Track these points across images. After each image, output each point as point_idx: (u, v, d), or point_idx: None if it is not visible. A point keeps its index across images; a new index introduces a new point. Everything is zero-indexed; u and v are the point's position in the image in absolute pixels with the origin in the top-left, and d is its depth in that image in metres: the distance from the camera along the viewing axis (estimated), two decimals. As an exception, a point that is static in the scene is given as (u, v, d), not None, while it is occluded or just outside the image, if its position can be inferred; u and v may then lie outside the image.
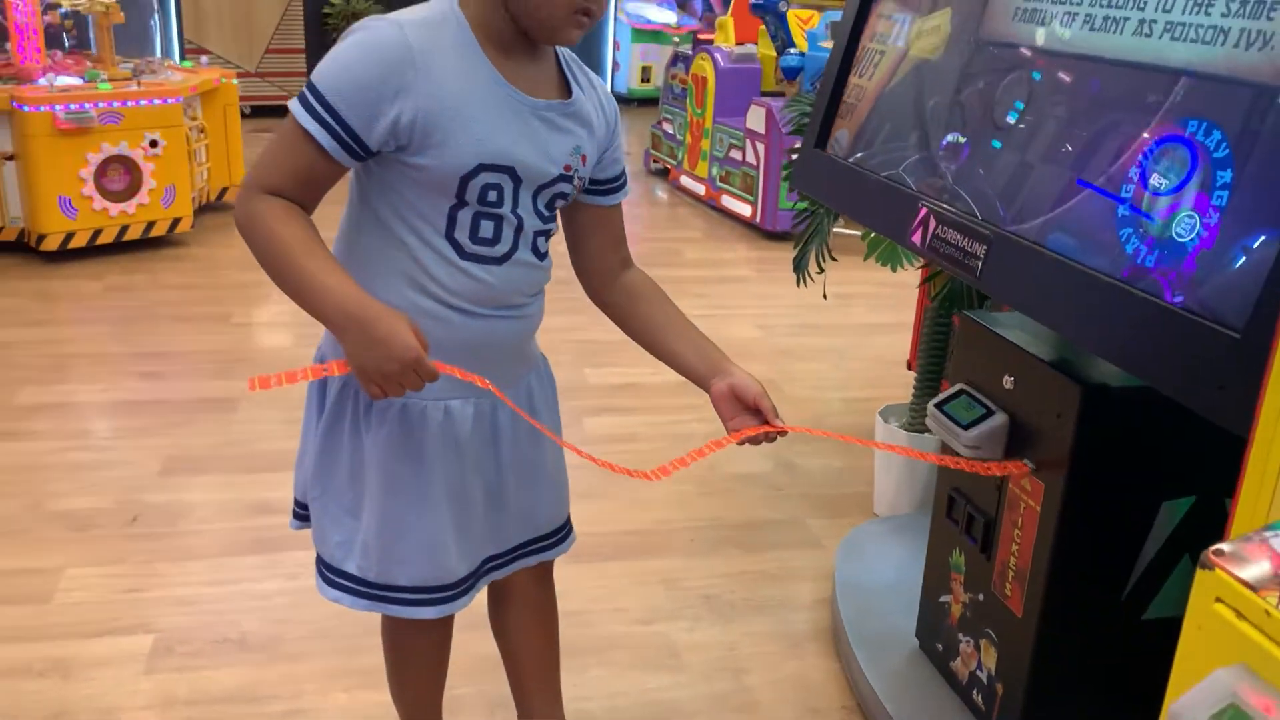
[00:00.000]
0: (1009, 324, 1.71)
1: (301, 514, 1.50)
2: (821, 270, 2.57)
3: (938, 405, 1.73)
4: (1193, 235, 1.16)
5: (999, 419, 1.64)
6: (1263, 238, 1.07)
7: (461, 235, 1.27)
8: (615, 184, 1.43)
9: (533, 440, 1.44)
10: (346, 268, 1.25)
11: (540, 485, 1.49)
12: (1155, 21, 1.28)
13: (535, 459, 1.47)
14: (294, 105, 1.22)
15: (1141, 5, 1.31)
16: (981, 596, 1.74)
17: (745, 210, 5.49)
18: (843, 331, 4.06)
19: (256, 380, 1.22)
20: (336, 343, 1.25)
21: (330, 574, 1.42)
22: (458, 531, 1.39)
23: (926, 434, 2.48)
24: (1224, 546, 0.76)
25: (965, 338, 1.78)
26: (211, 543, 2.40)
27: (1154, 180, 1.23)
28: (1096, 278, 1.26)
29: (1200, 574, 0.76)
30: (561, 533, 1.57)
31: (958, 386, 1.74)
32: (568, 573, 2.31)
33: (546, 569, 1.61)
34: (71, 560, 2.31)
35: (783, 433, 1.35)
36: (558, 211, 1.37)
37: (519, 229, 1.30)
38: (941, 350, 2.47)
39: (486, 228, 1.28)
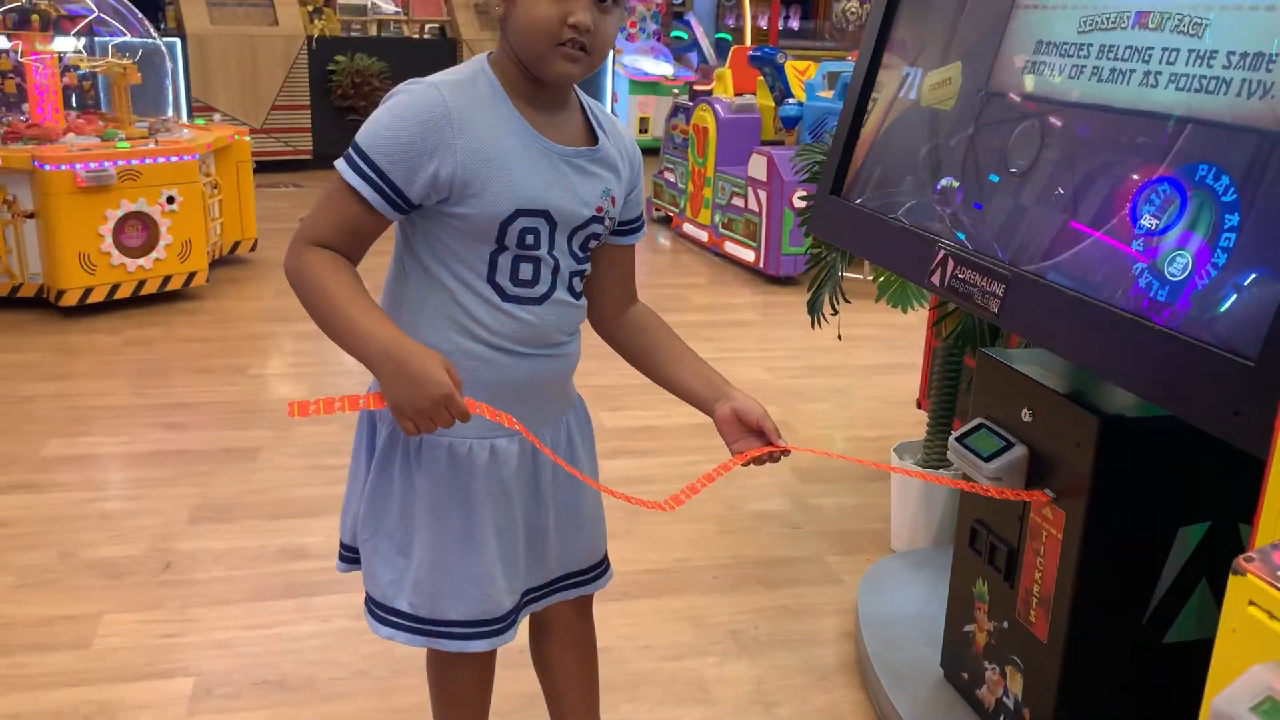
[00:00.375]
0: (1024, 360, 1.79)
1: (348, 556, 1.55)
2: (836, 312, 2.65)
3: (959, 439, 1.80)
4: (1203, 272, 1.24)
5: (1019, 450, 1.70)
6: (1271, 274, 1.15)
7: (502, 278, 1.34)
8: (634, 225, 1.50)
9: (572, 476, 1.51)
10: (394, 315, 1.33)
11: (579, 520, 1.55)
12: (1160, 73, 1.37)
13: (574, 494, 1.53)
14: (340, 164, 1.30)
15: (1146, 59, 1.40)
16: (1006, 624, 1.80)
17: (748, 256, 5.59)
18: (849, 373, 4.13)
19: (295, 406, 1.26)
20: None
21: (382, 612, 1.47)
22: (504, 565, 1.44)
23: (942, 470, 2.54)
24: (1253, 554, 0.83)
25: (982, 374, 1.85)
26: (244, 588, 2.45)
27: (1164, 220, 1.31)
28: (1115, 313, 1.34)
29: (1233, 580, 0.83)
30: (600, 568, 1.62)
31: (977, 420, 1.81)
32: (594, 611, 2.37)
33: (586, 603, 1.66)
34: (108, 607, 2.35)
35: (785, 452, 1.41)
36: (592, 252, 1.44)
37: (556, 270, 1.37)
38: (953, 388, 2.54)
39: (526, 270, 1.35)
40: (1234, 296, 1.19)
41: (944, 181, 1.82)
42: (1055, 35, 1.59)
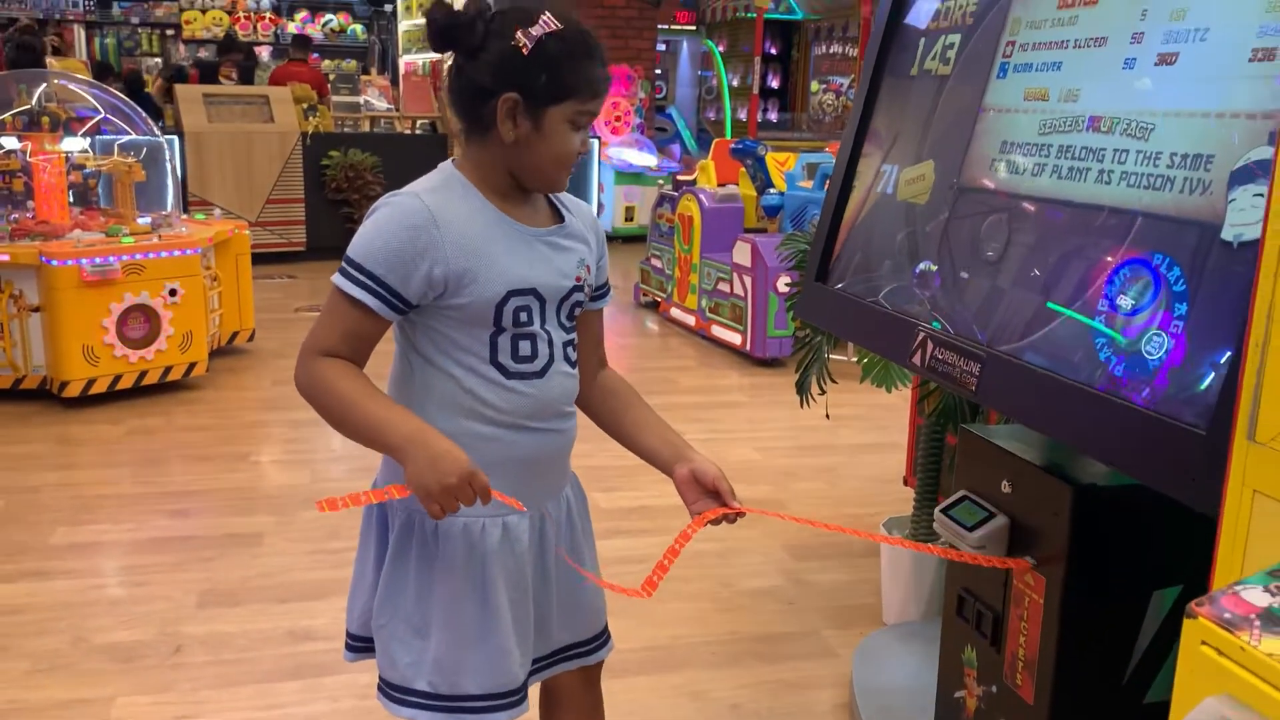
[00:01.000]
0: (1003, 435, 1.90)
1: (356, 645, 1.61)
2: (824, 392, 2.77)
3: (944, 510, 1.90)
4: (1160, 352, 1.36)
5: (1000, 520, 1.80)
6: (1217, 352, 1.28)
7: (504, 358, 1.45)
8: (602, 291, 1.62)
9: (571, 542, 1.60)
10: (414, 406, 1.44)
11: (581, 592, 1.63)
12: (1113, 171, 1.52)
13: (576, 558, 1.60)
14: (337, 278, 1.41)
15: (1101, 158, 1.54)
16: (994, 688, 1.88)
17: (735, 339, 5.74)
18: (837, 452, 4.24)
19: (325, 503, 1.34)
20: (391, 475, 1.43)
21: (399, 694, 1.52)
22: (519, 639, 1.52)
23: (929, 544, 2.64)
24: (1204, 599, 0.93)
25: (964, 448, 1.96)
26: (254, 670, 2.50)
27: (1123, 304, 1.44)
28: (1081, 389, 1.46)
29: (1187, 623, 0.93)
30: (601, 638, 1.70)
31: (960, 493, 1.92)
32: (599, 685, 2.41)
33: (594, 673, 1.73)
34: (120, 690, 2.40)
35: (741, 514, 1.50)
36: (575, 320, 1.55)
37: (550, 342, 1.48)
38: (937, 464, 2.65)
39: (524, 347, 1.46)
40: (1186, 373, 1.31)
41: (922, 266, 1.95)
42: (1018, 136, 1.74)
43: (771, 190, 6.00)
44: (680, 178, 8.57)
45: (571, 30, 1.39)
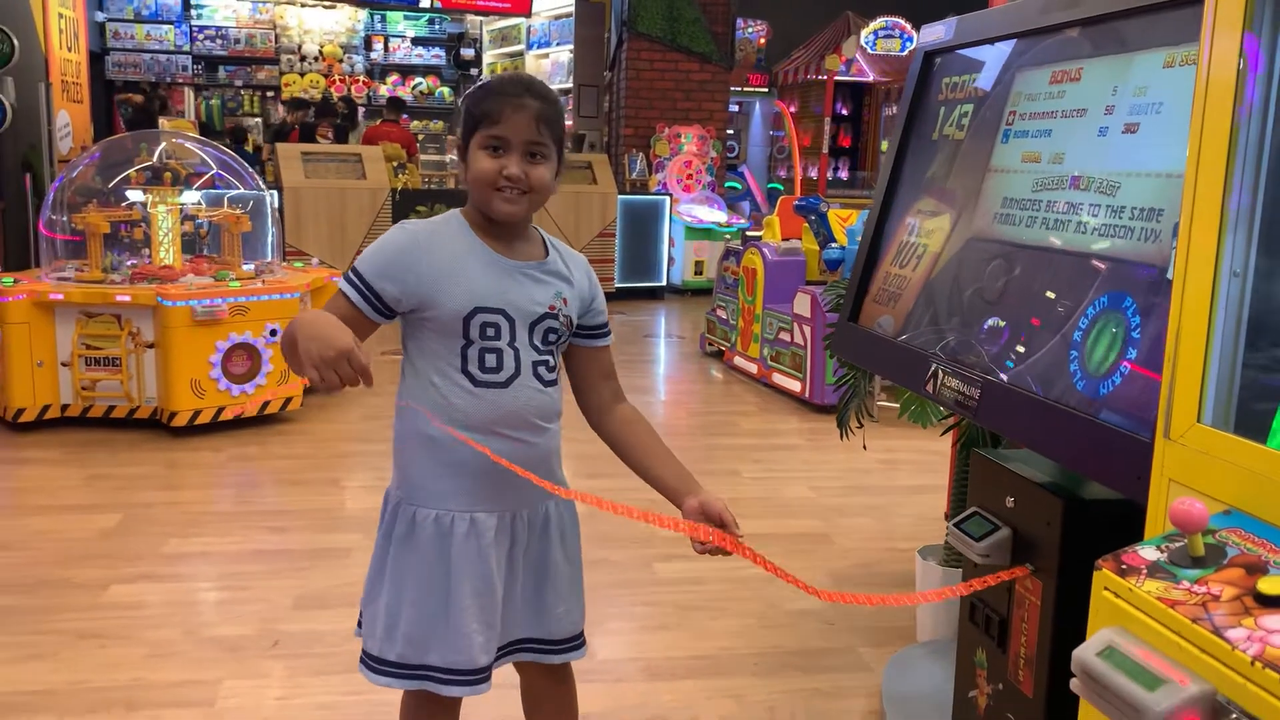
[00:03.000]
0: (1014, 457, 2.13)
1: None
2: (860, 425, 3.01)
3: (956, 524, 2.13)
4: (1119, 374, 1.60)
5: (1004, 532, 2.03)
6: (1158, 376, 1.51)
7: (473, 367, 1.69)
8: (601, 331, 1.85)
9: (543, 549, 1.80)
10: (401, 409, 1.71)
11: (548, 589, 1.80)
12: (1087, 223, 1.76)
13: (545, 564, 1.79)
14: (340, 280, 1.71)
15: (1078, 212, 1.79)
16: (1001, 686, 2.09)
17: (795, 386, 5.97)
18: (887, 492, 4.44)
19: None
20: (401, 482, 1.72)
21: (376, 663, 1.76)
22: (482, 625, 1.70)
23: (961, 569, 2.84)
24: (1109, 556, 1.17)
25: (975, 469, 2.19)
26: (342, 662, 2.80)
27: (1093, 334, 1.68)
28: (1057, 407, 1.69)
29: (1095, 575, 1.17)
30: (574, 641, 1.86)
31: (971, 509, 2.14)
32: (647, 688, 2.70)
33: (562, 672, 1.91)
34: (227, 674, 2.72)
35: (724, 549, 1.56)
36: (555, 346, 1.75)
37: (518, 358, 1.71)
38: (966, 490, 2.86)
39: (490, 359, 1.70)
40: (1137, 392, 1.55)
41: (937, 307, 2.20)
42: (1016, 193, 2.00)
43: (833, 245, 6.26)
44: (749, 233, 8.87)
45: (493, 81, 1.70)
